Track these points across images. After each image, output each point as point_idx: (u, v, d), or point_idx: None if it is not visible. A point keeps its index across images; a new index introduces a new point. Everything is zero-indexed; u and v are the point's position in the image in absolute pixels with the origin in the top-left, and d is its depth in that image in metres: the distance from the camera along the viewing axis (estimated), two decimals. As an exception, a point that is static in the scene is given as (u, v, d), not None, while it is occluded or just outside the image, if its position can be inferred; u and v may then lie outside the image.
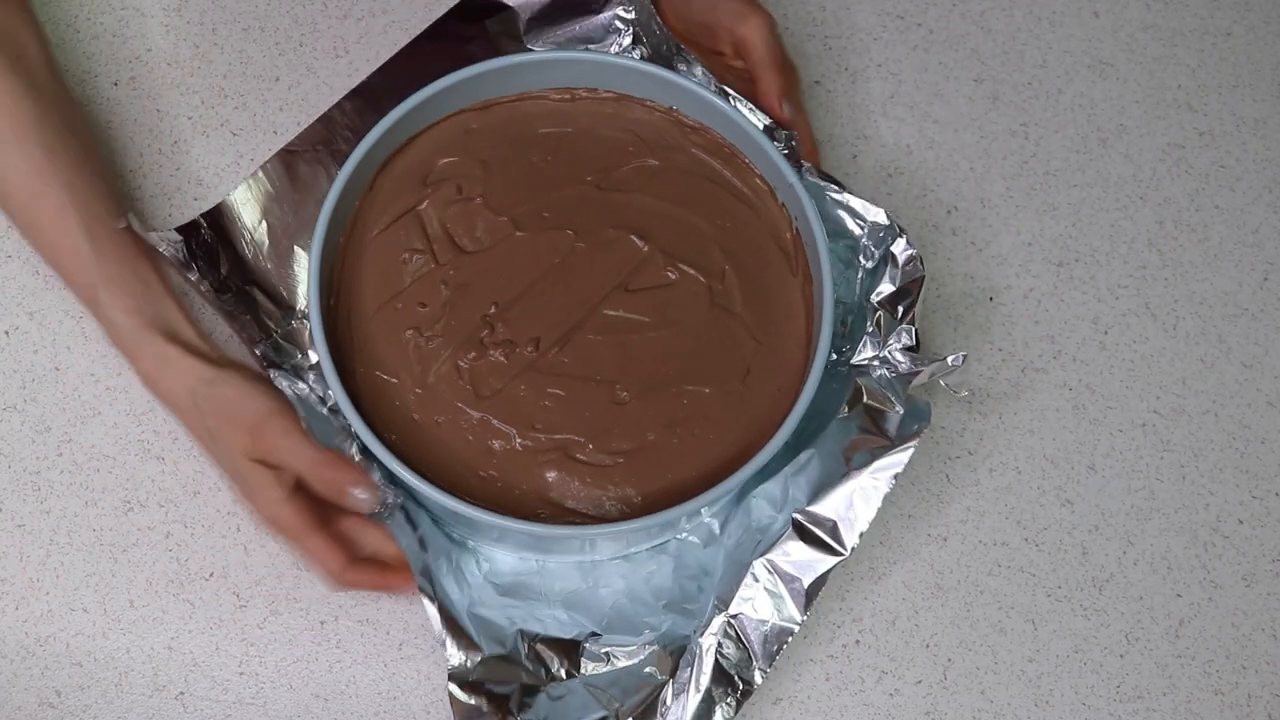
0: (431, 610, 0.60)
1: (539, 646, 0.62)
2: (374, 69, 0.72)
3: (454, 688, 0.59)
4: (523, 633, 0.62)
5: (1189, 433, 0.72)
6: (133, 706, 0.64)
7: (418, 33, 0.76)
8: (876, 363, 0.65)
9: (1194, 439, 0.72)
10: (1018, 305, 0.74)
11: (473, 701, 0.59)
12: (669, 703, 0.60)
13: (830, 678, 0.66)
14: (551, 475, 0.62)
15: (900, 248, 0.66)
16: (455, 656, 0.60)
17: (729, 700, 0.60)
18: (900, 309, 0.65)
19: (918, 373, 0.64)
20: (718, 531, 0.65)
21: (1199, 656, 0.68)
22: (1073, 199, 0.77)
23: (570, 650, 0.62)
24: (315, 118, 0.71)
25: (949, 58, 0.80)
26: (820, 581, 0.61)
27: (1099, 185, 0.77)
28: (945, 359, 0.63)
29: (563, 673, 0.61)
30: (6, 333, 0.69)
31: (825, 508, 0.62)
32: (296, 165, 0.70)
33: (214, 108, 0.74)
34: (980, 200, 0.76)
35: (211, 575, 0.66)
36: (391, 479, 0.62)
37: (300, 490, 0.60)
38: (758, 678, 0.60)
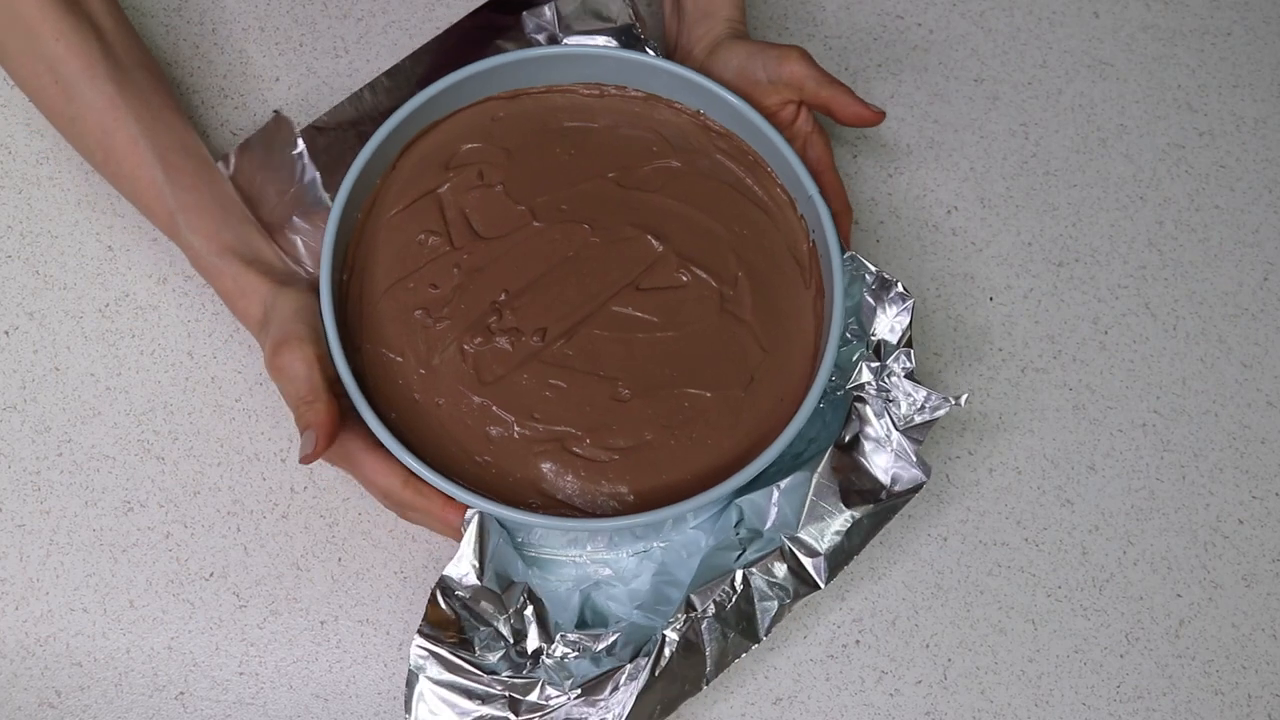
0: (471, 511, 0.59)
1: (529, 611, 0.61)
2: (403, 56, 0.72)
3: (437, 593, 0.59)
4: (529, 588, 0.61)
5: (1189, 433, 0.72)
6: (133, 706, 0.64)
7: (423, 31, 0.76)
8: (875, 389, 0.65)
9: (1194, 439, 0.72)
10: (1018, 305, 0.74)
11: (448, 614, 0.59)
12: (620, 685, 0.60)
13: (830, 678, 0.66)
14: (546, 466, 0.62)
15: (893, 294, 0.66)
16: (456, 568, 0.59)
17: (671, 694, 0.60)
18: (897, 336, 0.65)
19: (925, 423, 0.64)
20: (703, 544, 0.65)
21: (1199, 656, 0.68)
22: (1073, 199, 0.77)
23: (549, 632, 0.62)
24: (303, 122, 0.71)
25: (949, 58, 0.80)
26: (788, 607, 0.62)
27: (1099, 185, 0.77)
28: (945, 399, 0.63)
29: (530, 650, 0.61)
30: (6, 333, 0.69)
31: (814, 540, 0.62)
32: (323, 142, 0.70)
33: (214, 108, 0.74)
34: (980, 200, 0.76)
35: (211, 575, 0.66)
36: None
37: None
38: (704, 684, 0.61)
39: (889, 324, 0.66)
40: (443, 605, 0.59)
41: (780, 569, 0.62)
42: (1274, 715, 0.67)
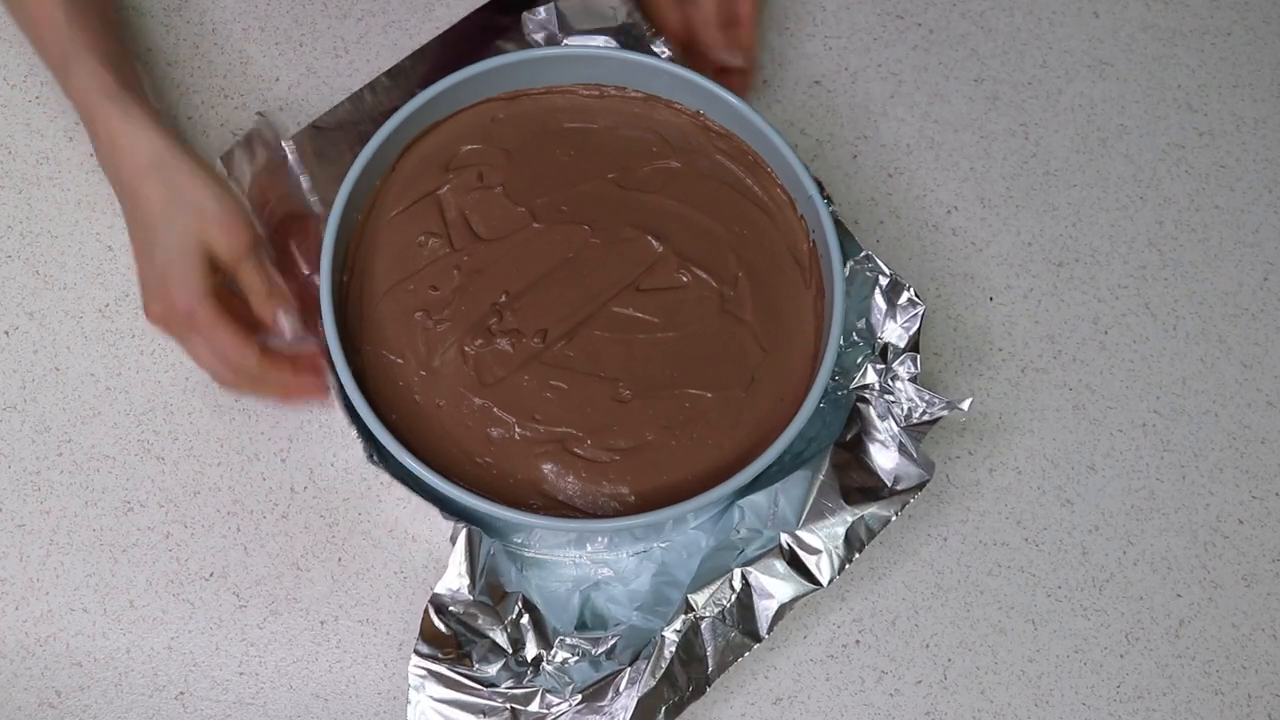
0: (459, 528, 0.59)
1: (524, 620, 0.61)
2: (403, 56, 0.72)
3: (431, 610, 0.59)
4: (524, 598, 0.62)
5: (1189, 433, 0.72)
6: (133, 706, 0.64)
7: (423, 31, 0.76)
8: (878, 390, 0.65)
9: (1194, 439, 0.72)
10: (1018, 305, 0.74)
11: (444, 630, 0.59)
12: (621, 689, 0.60)
13: (830, 678, 0.66)
14: (547, 467, 0.62)
15: (904, 299, 0.66)
16: (446, 584, 0.59)
17: (674, 698, 0.60)
18: (905, 341, 0.65)
19: (926, 421, 0.64)
20: (703, 544, 0.65)
21: (1199, 656, 0.68)
22: (1073, 199, 0.77)
23: (547, 639, 0.62)
24: (304, 124, 0.71)
25: (949, 58, 0.80)
26: (789, 605, 0.61)
27: (1099, 185, 0.77)
28: (949, 404, 0.63)
29: (529, 657, 0.61)
30: (6, 333, 0.69)
31: (815, 538, 0.62)
32: (322, 142, 0.70)
33: (214, 108, 0.74)
34: (980, 200, 0.76)
35: (211, 575, 0.66)
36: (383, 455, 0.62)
37: (219, 294, 0.61)
38: (707, 686, 0.60)
39: (897, 329, 0.66)
40: (437, 622, 0.59)
41: (781, 567, 0.62)
42: (1274, 715, 0.67)
